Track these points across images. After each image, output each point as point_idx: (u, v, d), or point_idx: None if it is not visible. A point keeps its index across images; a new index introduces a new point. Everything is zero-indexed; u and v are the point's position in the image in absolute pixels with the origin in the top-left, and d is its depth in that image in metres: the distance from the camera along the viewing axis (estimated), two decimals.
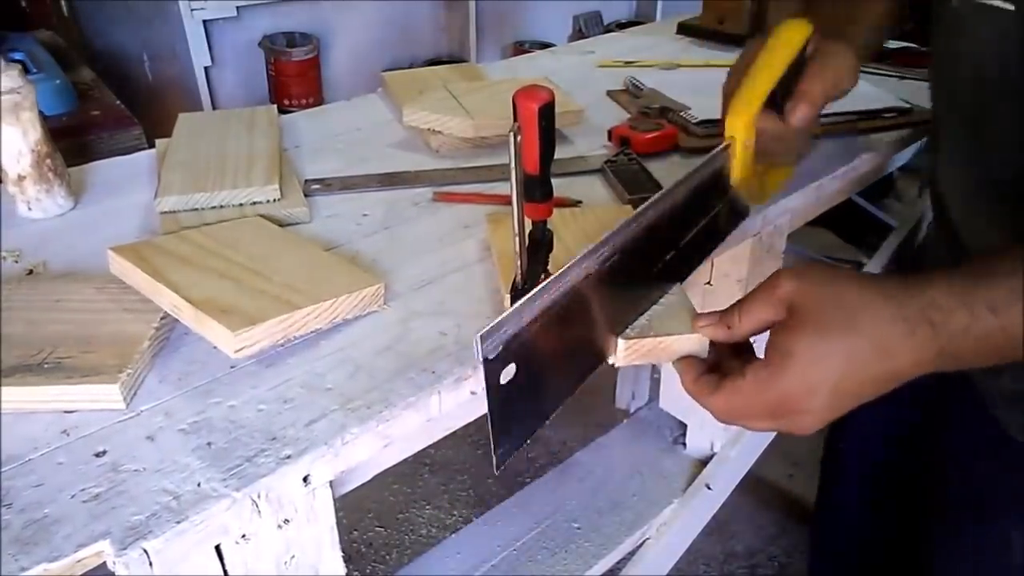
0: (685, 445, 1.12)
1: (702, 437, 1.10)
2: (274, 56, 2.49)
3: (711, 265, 0.94)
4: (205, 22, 2.28)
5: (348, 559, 0.61)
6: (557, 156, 0.54)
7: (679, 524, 1.05)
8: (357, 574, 1.61)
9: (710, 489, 1.06)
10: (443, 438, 0.68)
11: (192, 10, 2.22)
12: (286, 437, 0.53)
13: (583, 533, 1.03)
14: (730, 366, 0.54)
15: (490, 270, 0.71)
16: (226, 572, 0.51)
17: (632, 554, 1.05)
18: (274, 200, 0.80)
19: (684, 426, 1.12)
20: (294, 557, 0.55)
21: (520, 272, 0.56)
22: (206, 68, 2.32)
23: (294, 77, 2.52)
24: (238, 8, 2.35)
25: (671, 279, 0.61)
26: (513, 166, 0.50)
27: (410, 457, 0.68)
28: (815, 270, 0.51)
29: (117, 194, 0.86)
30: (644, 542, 1.05)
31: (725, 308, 0.55)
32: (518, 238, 0.54)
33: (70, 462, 0.50)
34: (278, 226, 0.75)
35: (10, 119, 0.76)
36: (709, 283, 0.96)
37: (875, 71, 1.22)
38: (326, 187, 0.86)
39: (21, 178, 0.78)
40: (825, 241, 2.41)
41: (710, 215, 0.65)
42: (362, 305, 0.64)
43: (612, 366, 0.57)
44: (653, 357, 0.57)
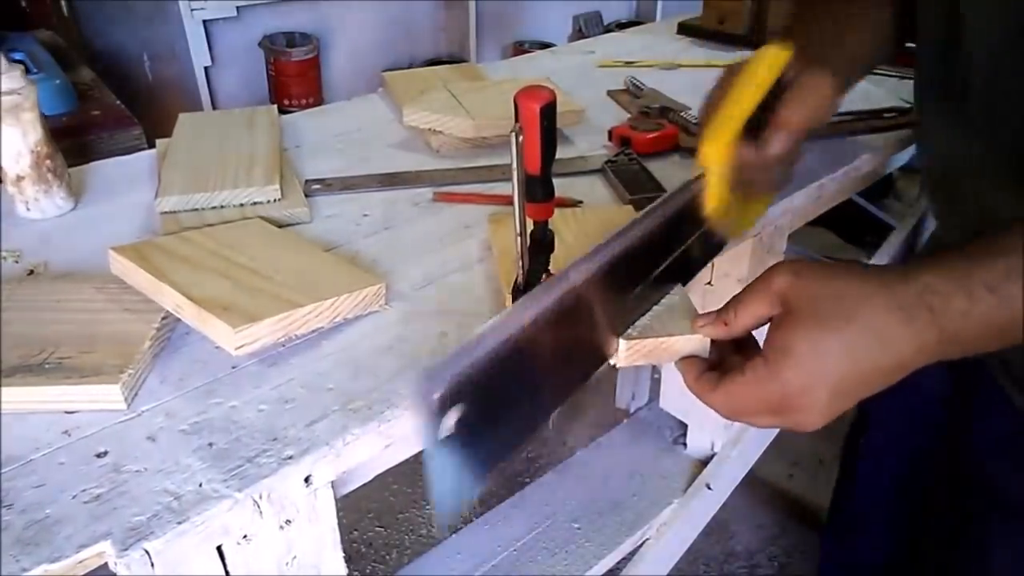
0: (685, 445, 1.12)
1: (702, 437, 1.10)
2: (274, 56, 2.49)
3: (711, 265, 0.94)
4: (205, 22, 2.28)
5: (348, 559, 0.61)
6: (558, 156, 0.54)
7: (679, 524, 1.05)
8: (357, 574, 1.61)
9: (710, 489, 1.06)
10: None
11: (192, 10, 2.22)
12: (287, 437, 0.53)
13: (583, 533, 1.03)
14: (731, 362, 0.54)
15: (491, 270, 0.71)
16: (227, 573, 0.51)
17: (632, 554, 1.04)
18: (275, 200, 0.80)
19: (684, 426, 1.12)
20: (295, 558, 0.55)
21: (521, 272, 0.56)
22: (206, 68, 2.32)
23: (294, 77, 2.52)
24: (238, 8, 2.35)
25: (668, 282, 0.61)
26: (515, 166, 0.50)
27: (410, 457, 0.68)
28: (809, 264, 0.50)
29: (117, 194, 0.86)
30: (644, 542, 1.05)
31: (722, 306, 0.55)
32: (519, 238, 0.54)
33: (71, 462, 0.50)
34: (278, 227, 0.76)
35: (10, 119, 0.75)
36: (710, 283, 0.96)
37: (875, 71, 1.22)
38: (326, 187, 0.86)
39: (20, 178, 0.78)
40: (825, 241, 2.42)
41: (683, 246, 0.62)
42: (363, 305, 0.64)
43: (613, 366, 0.57)
44: (654, 357, 0.57)
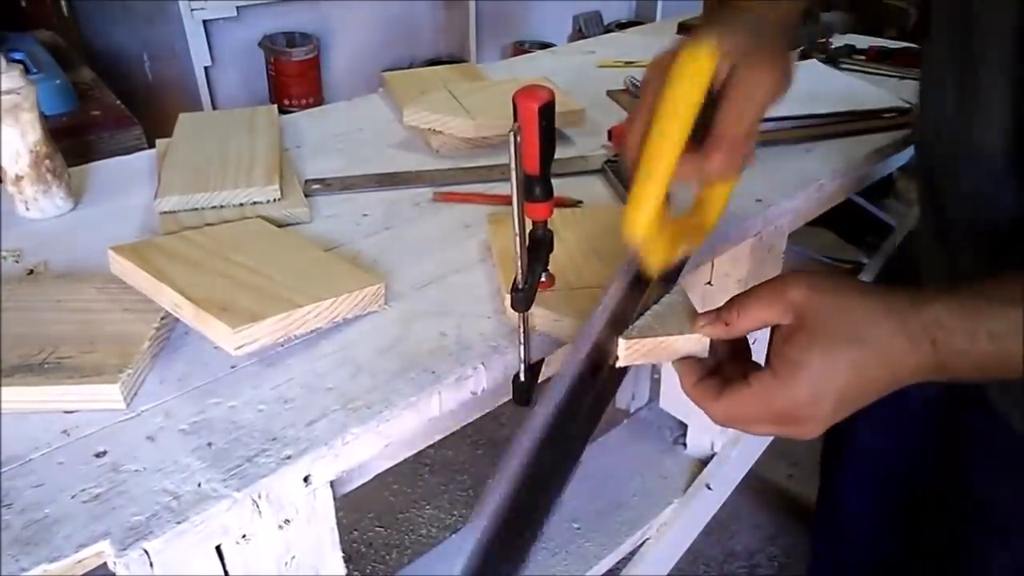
0: (685, 445, 1.12)
1: (702, 437, 1.10)
2: (274, 56, 2.49)
3: (711, 265, 0.94)
4: (205, 22, 2.28)
5: (348, 559, 0.61)
6: (557, 156, 0.54)
7: (679, 524, 1.05)
8: (357, 574, 1.61)
9: (710, 489, 1.06)
10: (443, 438, 0.68)
11: (192, 10, 2.22)
12: (287, 437, 0.53)
13: (583, 533, 1.03)
14: (731, 371, 0.54)
15: (491, 270, 0.71)
16: (226, 572, 0.51)
17: (632, 554, 1.05)
18: (275, 200, 0.80)
19: (684, 426, 1.12)
20: (294, 557, 0.55)
21: (521, 272, 0.56)
22: (206, 68, 2.32)
23: (294, 77, 2.52)
24: (238, 8, 2.35)
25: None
26: (513, 166, 0.50)
27: (410, 457, 0.68)
28: (825, 278, 0.51)
29: (117, 194, 0.86)
30: (644, 542, 1.05)
31: (721, 305, 0.55)
32: (519, 238, 0.54)
33: (70, 462, 0.50)
34: (278, 227, 0.75)
35: (9, 120, 0.75)
36: (709, 283, 0.96)
37: (875, 71, 1.23)
38: (327, 187, 0.86)
39: (19, 178, 0.78)
40: (825, 241, 2.41)
41: (645, 300, 0.58)
42: (362, 305, 0.64)
43: (613, 366, 0.57)
44: (654, 357, 0.57)
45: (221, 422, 0.54)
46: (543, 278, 0.59)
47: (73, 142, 1.22)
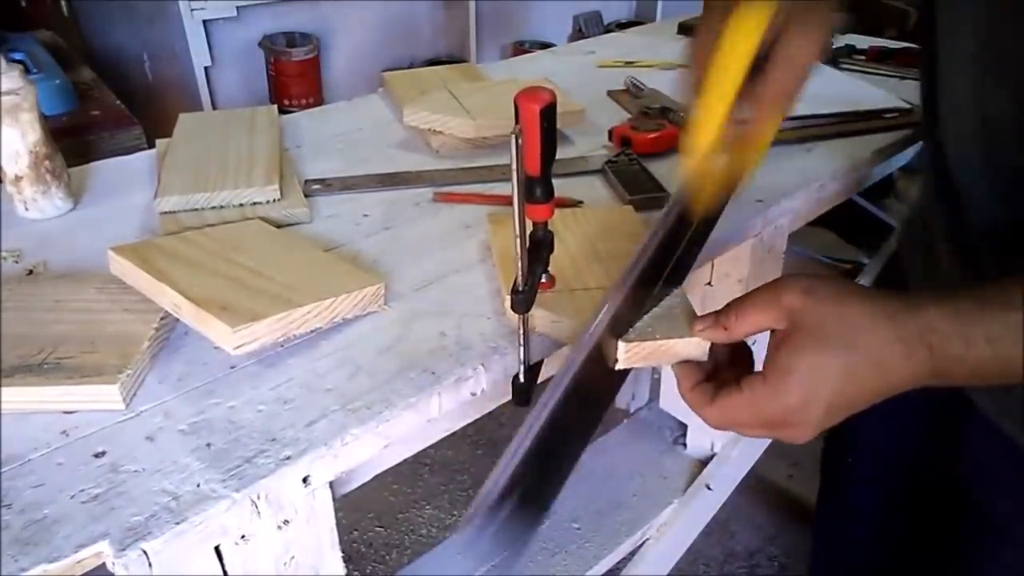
0: (685, 445, 1.12)
1: (702, 437, 1.10)
2: (274, 56, 2.49)
3: (711, 265, 0.94)
4: (205, 22, 2.28)
5: (348, 559, 0.61)
6: (558, 156, 0.54)
7: (679, 524, 1.05)
8: (357, 574, 1.61)
9: (710, 489, 1.06)
10: (443, 438, 0.68)
11: (192, 10, 2.22)
12: (286, 438, 0.53)
13: (583, 533, 1.03)
14: (729, 375, 0.54)
15: (491, 271, 0.71)
16: (226, 573, 0.51)
17: (632, 554, 1.04)
18: (274, 200, 0.80)
19: (684, 426, 1.12)
20: (294, 558, 0.55)
21: (521, 273, 0.56)
22: (206, 68, 2.32)
23: (294, 77, 2.52)
24: (238, 8, 2.35)
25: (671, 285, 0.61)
26: (514, 168, 0.50)
27: (410, 457, 0.68)
28: (821, 283, 0.51)
29: (117, 194, 0.86)
30: (644, 542, 1.05)
31: (720, 308, 0.55)
32: (519, 239, 0.54)
33: (70, 463, 0.50)
34: (278, 227, 0.75)
35: (9, 120, 0.75)
36: (709, 283, 0.96)
37: (875, 71, 1.23)
38: (327, 187, 0.86)
39: (18, 179, 0.78)
40: (825, 241, 2.41)
41: (686, 239, 0.62)
42: (362, 305, 0.64)
43: (613, 368, 0.57)
44: (654, 360, 0.57)
45: (220, 422, 0.54)
46: (543, 279, 0.59)
47: (73, 142, 1.22)
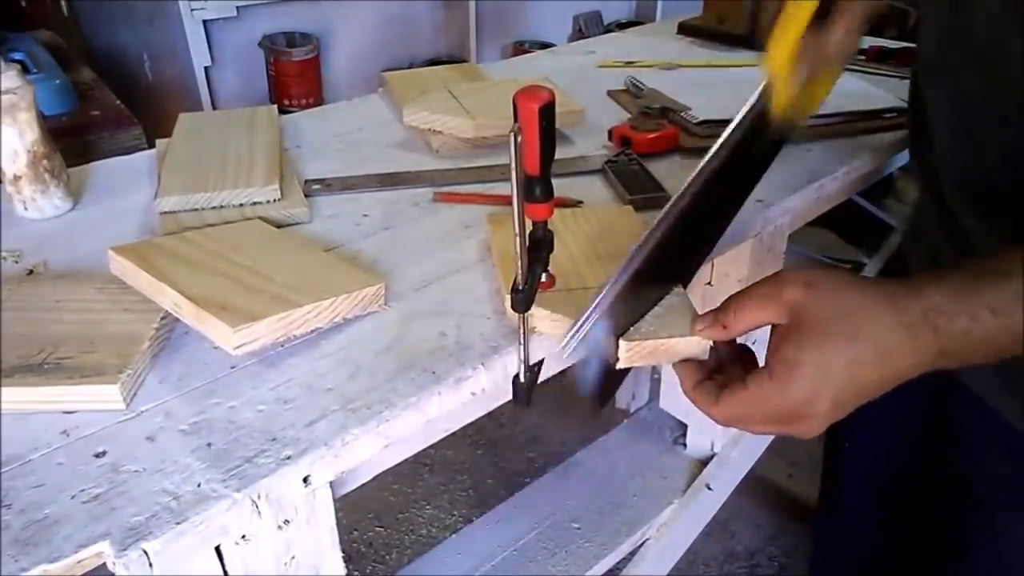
0: (685, 445, 1.12)
1: (702, 437, 1.10)
2: (274, 56, 2.49)
3: (711, 265, 0.94)
4: (205, 22, 2.28)
5: (348, 559, 0.61)
6: (558, 156, 0.54)
7: (679, 524, 1.05)
8: (357, 574, 1.61)
9: (710, 489, 1.06)
10: (443, 438, 0.68)
11: (192, 10, 2.22)
12: (286, 438, 0.53)
13: (583, 533, 1.03)
14: (731, 372, 0.54)
15: (490, 270, 0.71)
16: (226, 573, 0.51)
17: (632, 554, 1.04)
18: (274, 200, 0.80)
19: (684, 426, 1.12)
20: (294, 558, 0.55)
21: (521, 273, 0.56)
22: (206, 68, 2.32)
23: (294, 77, 2.52)
24: (238, 8, 2.35)
25: (674, 279, 0.61)
26: (514, 166, 0.50)
27: (410, 457, 0.68)
28: (821, 276, 0.50)
29: (117, 194, 0.86)
30: (644, 542, 1.05)
31: (719, 306, 0.54)
32: (519, 238, 0.54)
33: (70, 463, 0.50)
34: (278, 227, 0.75)
35: (7, 119, 0.76)
36: (709, 283, 0.96)
37: (875, 71, 1.23)
38: (326, 187, 0.86)
39: (17, 178, 0.78)
40: (825, 241, 2.41)
41: (755, 155, 0.66)
42: (362, 305, 0.64)
43: (613, 368, 0.57)
44: (655, 358, 0.57)
45: (221, 422, 0.54)
46: (543, 279, 0.59)
47: (73, 142, 1.22)
